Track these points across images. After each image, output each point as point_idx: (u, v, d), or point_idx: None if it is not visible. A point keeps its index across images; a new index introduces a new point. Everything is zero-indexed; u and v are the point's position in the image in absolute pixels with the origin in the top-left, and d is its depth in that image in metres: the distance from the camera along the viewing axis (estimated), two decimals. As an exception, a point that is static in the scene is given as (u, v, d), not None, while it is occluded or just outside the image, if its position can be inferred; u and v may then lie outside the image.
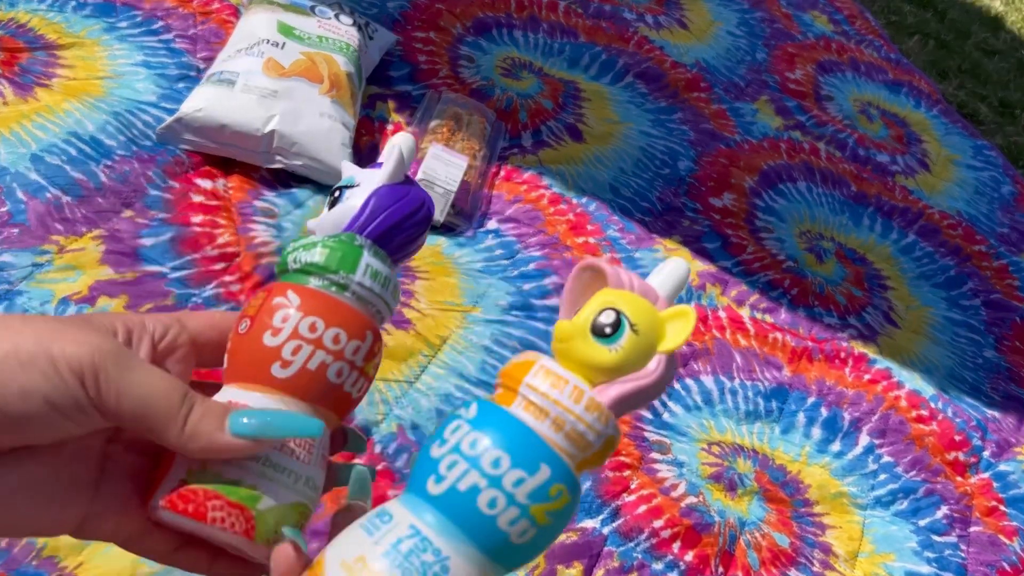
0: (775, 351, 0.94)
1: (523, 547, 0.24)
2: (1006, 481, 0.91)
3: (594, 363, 0.25)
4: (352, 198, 0.29)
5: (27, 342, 0.21)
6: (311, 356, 0.27)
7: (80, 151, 0.79)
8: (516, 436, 0.24)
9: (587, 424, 0.24)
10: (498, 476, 0.23)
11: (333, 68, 0.90)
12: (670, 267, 0.27)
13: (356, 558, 0.23)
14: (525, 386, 0.25)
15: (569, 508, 0.25)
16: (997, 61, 1.90)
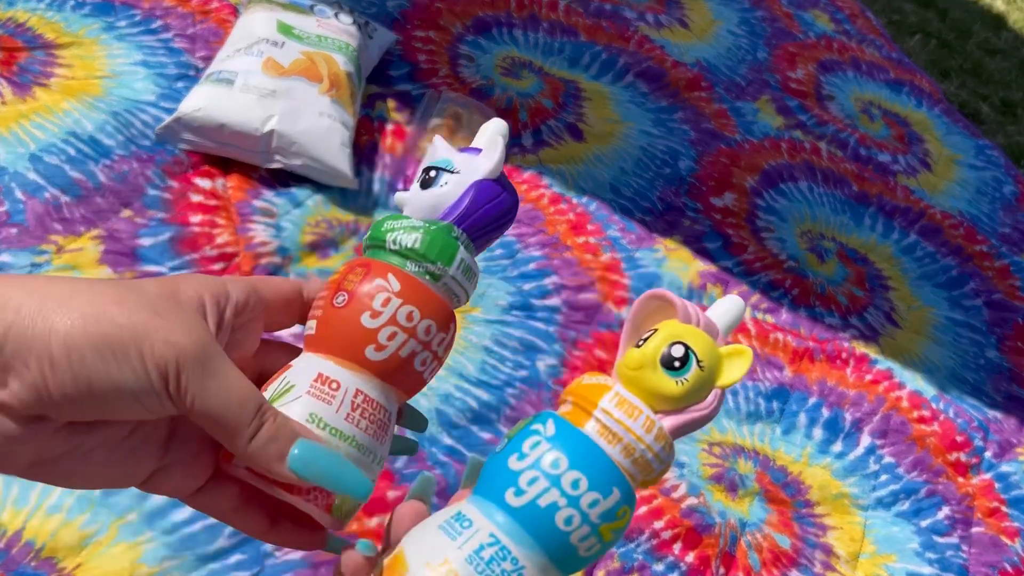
0: (776, 351, 0.93)
1: (586, 559, 0.26)
2: (1008, 482, 0.90)
3: (662, 393, 0.27)
4: (450, 184, 0.30)
5: (123, 333, 0.23)
6: (404, 344, 0.28)
7: (79, 151, 0.79)
8: (595, 461, 0.26)
9: (654, 453, 0.27)
10: (576, 497, 0.25)
11: (333, 67, 0.90)
12: (727, 304, 0.29)
13: (441, 561, 0.25)
14: (600, 410, 0.27)
15: (627, 526, 0.27)
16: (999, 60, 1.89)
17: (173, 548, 0.59)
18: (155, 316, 0.24)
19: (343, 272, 0.29)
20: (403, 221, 0.29)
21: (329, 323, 0.28)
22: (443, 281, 0.29)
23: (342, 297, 0.28)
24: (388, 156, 0.95)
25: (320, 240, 0.82)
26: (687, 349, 0.27)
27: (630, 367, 0.27)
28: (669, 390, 0.27)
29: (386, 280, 0.28)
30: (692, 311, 0.28)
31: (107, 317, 0.23)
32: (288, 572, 0.60)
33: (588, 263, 0.93)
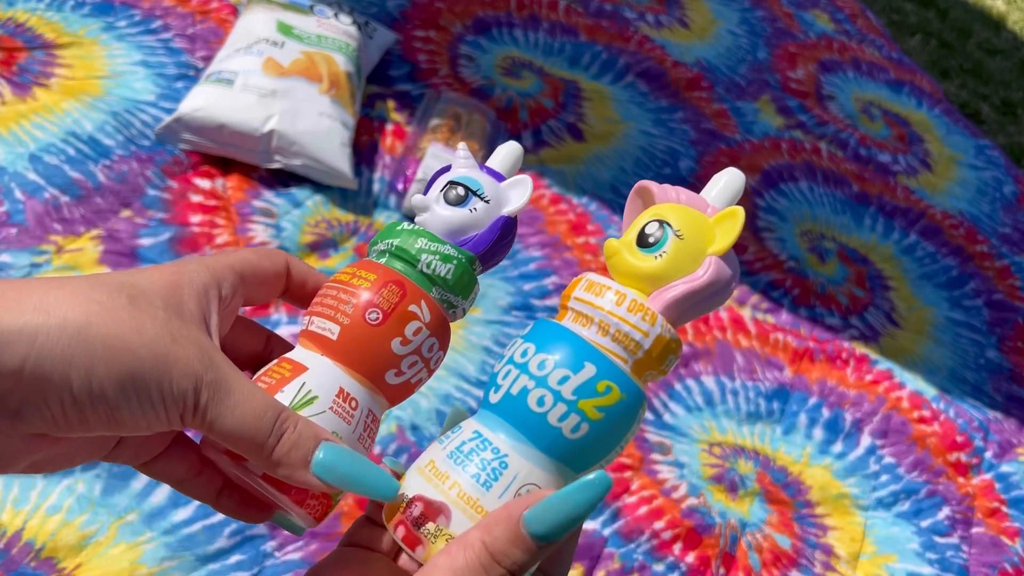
0: (776, 352, 0.93)
1: (581, 443, 0.26)
2: (1008, 482, 0.90)
3: (639, 272, 0.26)
4: (479, 212, 0.29)
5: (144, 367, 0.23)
6: (418, 372, 0.29)
7: (78, 151, 0.79)
8: (559, 339, 0.26)
9: (631, 324, 0.26)
10: (543, 376, 0.25)
11: (332, 67, 0.90)
12: (726, 178, 0.28)
13: (427, 463, 0.26)
14: (573, 299, 0.27)
15: (623, 404, 0.26)
16: (999, 61, 1.89)
17: (173, 548, 0.59)
18: (173, 345, 0.24)
19: (376, 286, 0.28)
20: (436, 244, 0.29)
21: (357, 339, 0.27)
22: (455, 311, 0.29)
23: (375, 315, 0.27)
24: (388, 156, 0.95)
25: (320, 240, 0.82)
26: (661, 223, 0.26)
27: (608, 256, 0.27)
28: (646, 266, 0.26)
29: (420, 308, 0.28)
30: (671, 190, 0.28)
31: (128, 349, 0.23)
32: (288, 572, 0.60)
33: (588, 263, 0.93)
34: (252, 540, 0.61)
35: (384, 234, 0.30)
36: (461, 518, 0.25)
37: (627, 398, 0.26)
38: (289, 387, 0.27)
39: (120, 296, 0.23)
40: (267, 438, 0.24)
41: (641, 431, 0.80)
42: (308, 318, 0.28)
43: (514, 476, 0.25)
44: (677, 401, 0.84)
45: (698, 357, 0.89)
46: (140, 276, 0.25)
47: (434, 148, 0.92)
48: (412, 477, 0.26)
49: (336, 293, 0.28)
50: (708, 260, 0.26)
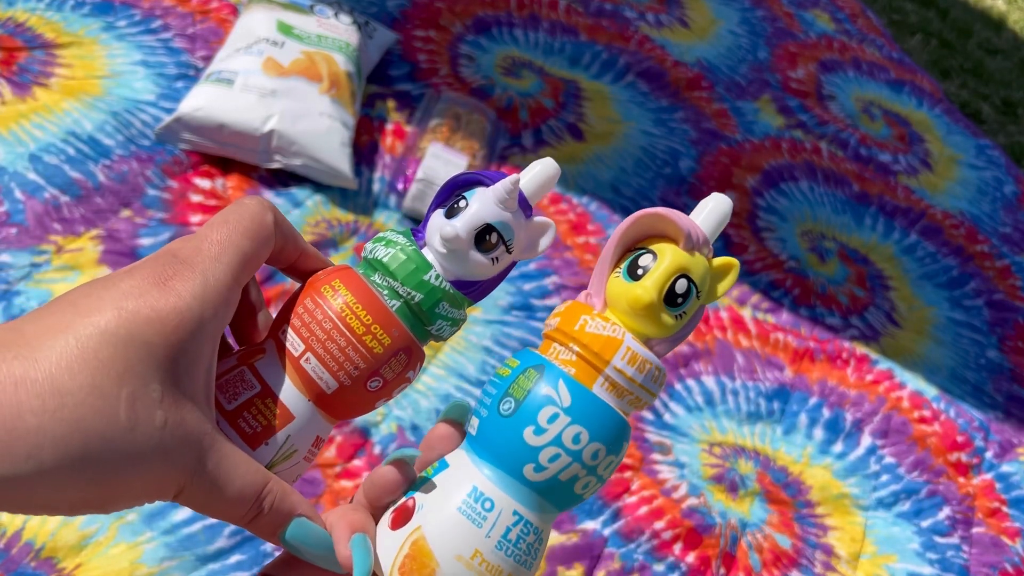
0: (777, 351, 0.93)
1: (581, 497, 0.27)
2: (1008, 482, 0.90)
3: (661, 328, 0.26)
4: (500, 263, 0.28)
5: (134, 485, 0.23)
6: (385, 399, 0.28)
7: (78, 151, 0.79)
8: (612, 427, 0.25)
9: (653, 394, 0.27)
10: (595, 465, 0.25)
11: (333, 67, 0.90)
12: (712, 204, 0.27)
13: (472, 554, 0.24)
14: (612, 368, 0.25)
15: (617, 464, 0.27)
16: (1000, 60, 1.89)
17: (173, 548, 0.59)
18: (168, 467, 0.23)
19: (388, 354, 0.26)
20: (453, 310, 0.27)
21: (351, 402, 0.27)
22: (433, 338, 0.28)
23: (377, 383, 0.27)
24: (388, 156, 0.95)
25: (320, 240, 0.82)
26: (689, 283, 0.26)
27: (636, 309, 0.25)
28: (669, 325, 0.26)
29: (415, 371, 0.28)
30: (695, 236, 0.26)
31: (124, 486, 0.23)
32: (288, 573, 0.60)
33: (588, 263, 0.93)
34: (252, 540, 0.61)
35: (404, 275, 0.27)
36: None
37: (620, 456, 0.27)
38: (274, 440, 0.26)
39: (119, 407, 0.22)
40: (245, 514, 0.25)
41: (641, 431, 0.80)
42: (303, 349, 0.26)
43: (540, 542, 0.26)
44: (677, 401, 0.84)
45: (698, 357, 0.89)
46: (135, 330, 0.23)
47: (434, 148, 0.92)
48: (455, 568, 0.24)
49: (344, 345, 0.26)
50: (701, 309, 0.27)
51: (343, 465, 0.67)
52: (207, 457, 0.24)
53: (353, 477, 0.67)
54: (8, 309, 0.67)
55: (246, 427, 0.26)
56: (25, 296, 0.68)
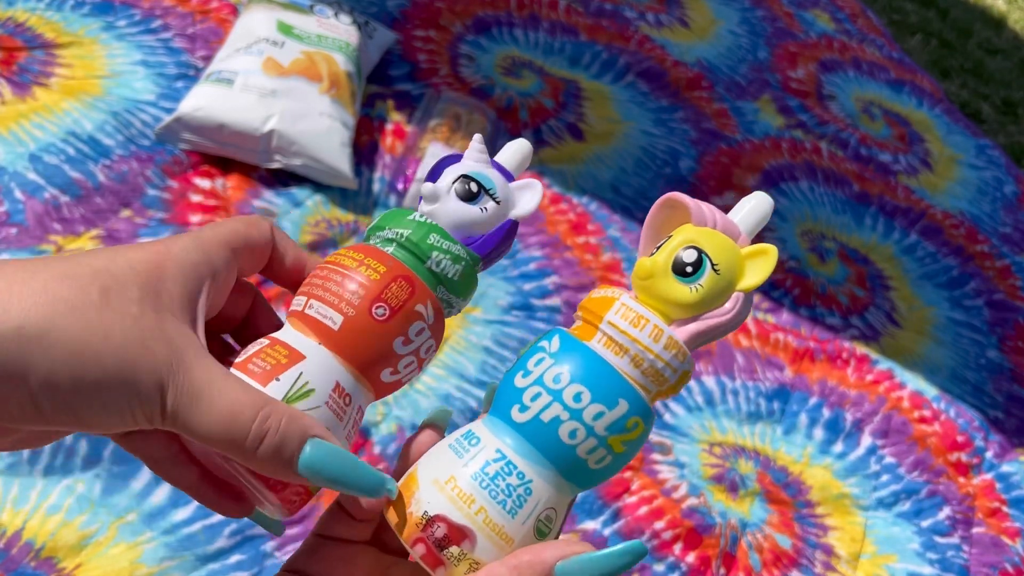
0: (777, 351, 0.93)
1: (600, 471, 0.26)
2: (1009, 482, 0.90)
3: (674, 301, 0.26)
4: (490, 212, 0.29)
5: (111, 377, 0.22)
6: (412, 373, 0.28)
7: (78, 150, 0.79)
8: (598, 373, 0.25)
9: (665, 362, 0.26)
10: (579, 409, 0.25)
11: (332, 67, 0.90)
12: (753, 202, 0.27)
13: (447, 478, 0.25)
14: (606, 323, 0.26)
15: (643, 437, 0.26)
16: (1000, 60, 1.89)
17: (173, 548, 0.59)
18: (141, 348, 0.22)
19: (385, 280, 0.27)
20: (448, 243, 0.28)
21: (361, 333, 0.26)
22: (450, 311, 0.29)
23: (383, 311, 0.26)
24: (388, 156, 0.95)
25: (320, 240, 0.82)
26: (700, 253, 0.26)
27: (640, 276, 0.26)
28: (683, 297, 0.25)
29: (425, 308, 0.27)
30: (708, 212, 0.26)
31: (92, 357, 0.21)
32: (288, 572, 0.60)
33: (588, 263, 0.93)
34: (252, 540, 0.61)
35: (391, 220, 0.28)
36: (487, 544, 0.25)
37: (646, 431, 0.26)
38: (286, 376, 0.25)
39: (91, 290, 0.22)
40: (245, 439, 0.23)
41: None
42: (305, 300, 0.27)
43: (537, 502, 0.25)
44: (677, 401, 0.84)
45: (698, 357, 0.89)
46: (121, 258, 0.23)
47: (434, 148, 0.92)
48: (431, 492, 0.25)
49: (341, 280, 0.26)
50: (736, 296, 0.26)
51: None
52: (193, 366, 0.23)
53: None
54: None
55: (255, 368, 0.25)
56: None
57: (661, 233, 0.28)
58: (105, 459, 0.62)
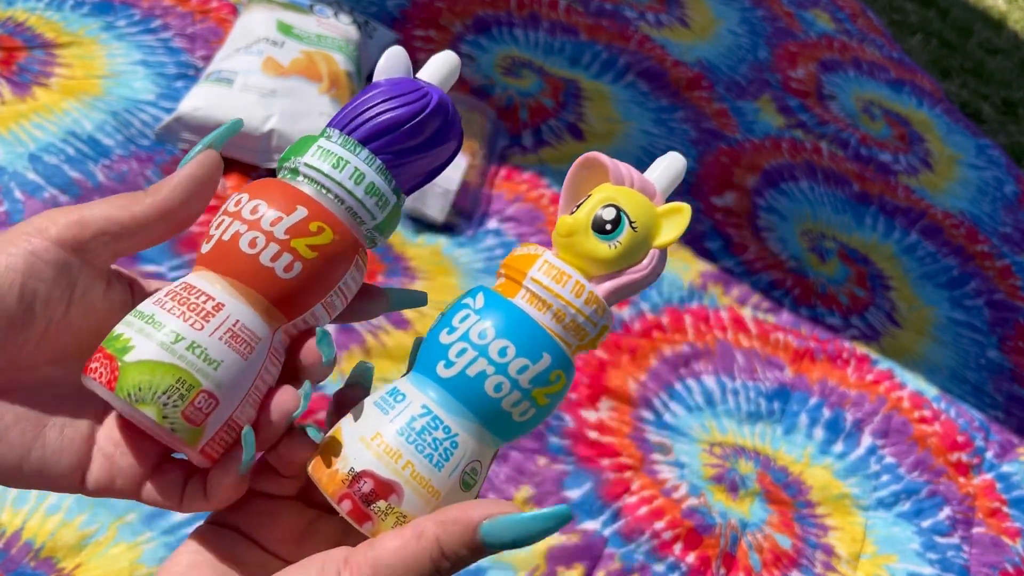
0: (777, 351, 0.93)
1: (523, 424, 0.27)
2: (1009, 482, 0.90)
3: (595, 258, 0.27)
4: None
5: None
6: (227, 228, 0.26)
7: (78, 150, 0.79)
8: (522, 328, 0.26)
9: (586, 316, 0.27)
10: (504, 364, 0.26)
11: (332, 67, 0.90)
12: (667, 162, 0.29)
13: (373, 435, 0.26)
14: (530, 280, 0.27)
15: (565, 390, 0.28)
16: (1000, 60, 1.89)
17: (172, 548, 0.59)
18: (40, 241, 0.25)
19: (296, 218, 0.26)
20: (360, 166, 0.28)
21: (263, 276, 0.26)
22: (302, 174, 0.27)
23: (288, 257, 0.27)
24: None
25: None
26: (619, 211, 0.27)
27: (561, 234, 0.27)
28: (602, 254, 0.27)
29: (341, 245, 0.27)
30: (625, 171, 0.28)
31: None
32: (288, 573, 0.60)
33: (588, 263, 0.93)
34: (252, 540, 0.61)
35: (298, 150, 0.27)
36: (413, 498, 0.25)
37: (568, 383, 0.27)
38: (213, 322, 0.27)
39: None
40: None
41: (641, 431, 0.80)
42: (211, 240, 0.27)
43: (463, 455, 0.26)
44: (677, 401, 0.84)
45: (699, 357, 0.89)
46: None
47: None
48: (357, 448, 0.25)
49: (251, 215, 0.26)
50: (652, 253, 0.27)
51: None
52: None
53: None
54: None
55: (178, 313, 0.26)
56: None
57: (580, 192, 0.29)
58: (105, 459, 0.62)
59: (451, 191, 0.89)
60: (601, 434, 0.78)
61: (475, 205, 0.93)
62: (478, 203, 0.94)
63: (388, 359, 0.76)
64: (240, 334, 0.26)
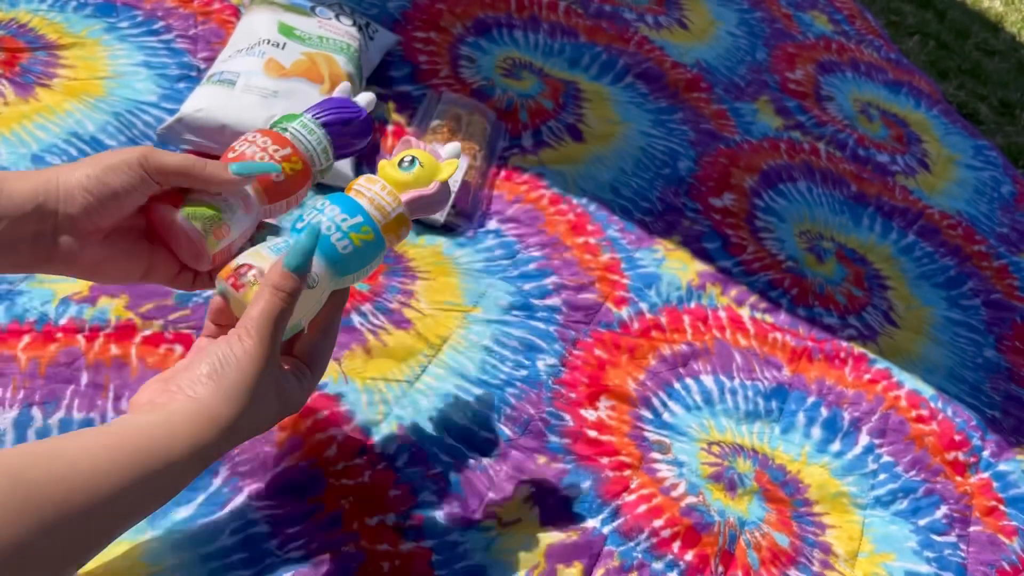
0: (775, 351, 0.94)
1: (347, 257, 0.50)
2: (1006, 481, 0.91)
3: (397, 179, 0.53)
4: None
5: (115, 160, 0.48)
6: (247, 147, 0.54)
7: (81, 151, 0.79)
8: (345, 200, 0.52)
9: (384, 201, 0.52)
10: (332, 216, 0.50)
11: (334, 68, 0.90)
12: (450, 146, 0.57)
13: (255, 250, 0.50)
14: (357, 184, 0.53)
15: (373, 244, 0.51)
16: (997, 61, 1.90)
17: (175, 547, 0.60)
18: (115, 152, 0.48)
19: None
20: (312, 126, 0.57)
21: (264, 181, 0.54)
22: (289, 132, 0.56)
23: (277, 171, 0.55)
24: (389, 157, 0.95)
25: (321, 240, 0.83)
26: (413, 158, 0.54)
27: (382, 168, 0.55)
28: (400, 177, 0.53)
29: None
30: (424, 144, 0.56)
31: (100, 163, 0.47)
32: (288, 572, 0.60)
33: (588, 263, 0.94)
34: (254, 538, 0.62)
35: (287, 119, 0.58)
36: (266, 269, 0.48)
37: (376, 240, 0.51)
38: None
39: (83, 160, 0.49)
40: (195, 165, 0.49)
41: (640, 429, 0.80)
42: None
43: None
44: (676, 400, 0.85)
45: (697, 356, 0.89)
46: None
47: (434, 149, 0.93)
48: (245, 256, 0.49)
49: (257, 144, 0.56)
50: (435, 183, 0.54)
51: (345, 463, 0.67)
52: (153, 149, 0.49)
53: (355, 475, 0.67)
54: (10, 309, 0.67)
55: None
56: (28, 296, 0.68)
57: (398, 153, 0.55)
58: (108, 457, 0.62)
59: (451, 192, 0.90)
60: (600, 433, 0.78)
61: (475, 206, 0.94)
62: (478, 204, 0.95)
63: (390, 358, 0.76)
64: (245, 202, 0.52)
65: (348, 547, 0.62)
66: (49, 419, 0.62)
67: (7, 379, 0.63)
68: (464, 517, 0.68)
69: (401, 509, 0.66)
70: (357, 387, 0.72)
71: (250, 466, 0.65)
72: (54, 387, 0.63)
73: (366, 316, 0.78)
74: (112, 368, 0.66)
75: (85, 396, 0.64)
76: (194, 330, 0.71)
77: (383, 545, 0.64)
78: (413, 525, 0.66)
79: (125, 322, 0.69)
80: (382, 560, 0.63)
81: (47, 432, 0.61)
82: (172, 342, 0.69)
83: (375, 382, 0.73)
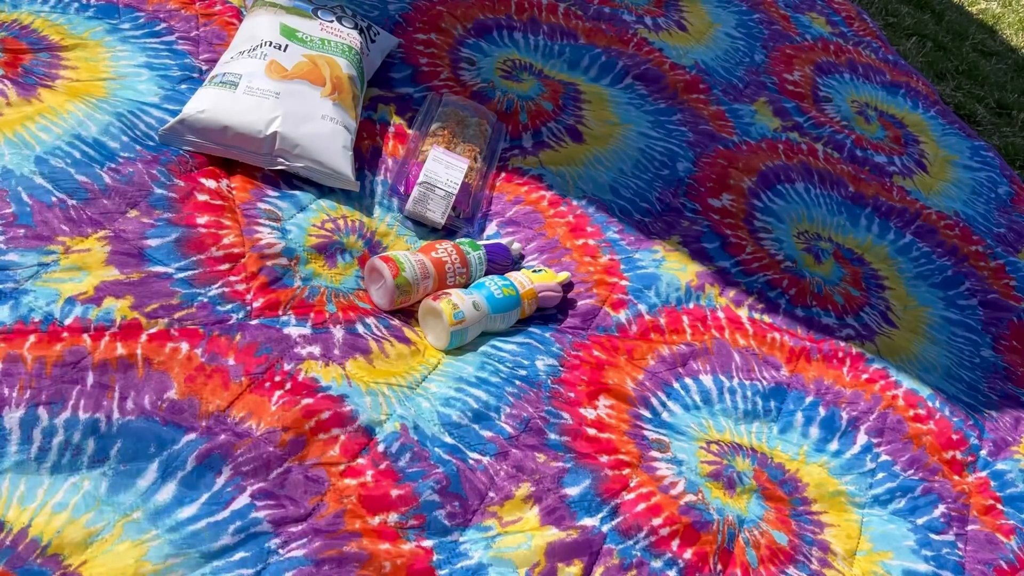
0: (773, 351, 0.94)
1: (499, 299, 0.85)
2: (1003, 480, 0.91)
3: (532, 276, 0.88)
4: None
5: None
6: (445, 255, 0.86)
7: (84, 153, 0.80)
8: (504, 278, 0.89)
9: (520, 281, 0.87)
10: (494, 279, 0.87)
11: (335, 71, 0.91)
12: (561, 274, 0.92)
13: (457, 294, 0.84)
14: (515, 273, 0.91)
15: (514, 299, 0.86)
16: (994, 63, 1.91)
17: (177, 546, 0.60)
18: None
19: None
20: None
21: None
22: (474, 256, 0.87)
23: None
24: (390, 159, 0.96)
25: (326, 242, 0.83)
26: (542, 269, 0.90)
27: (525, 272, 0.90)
28: (534, 276, 0.88)
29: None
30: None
31: None
32: (291, 570, 0.61)
33: (587, 265, 0.94)
34: (256, 537, 0.62)
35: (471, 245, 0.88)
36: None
37: (515, 295, 0.85)
38: None
39: None
40: None
41: (640, 428, 0.81)
42: None
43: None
44: (675, 399, 0.85)
45: (696, 356, 0.90)
46: None
47: (435, 151, 0.93)
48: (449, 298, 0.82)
49: None
50: (555, 283, 0.89)
51: (347, 463, 0.68)
52: None
53: (357, 475, 0.68)
54: (16, 308, 0.68)
55: None
56: (33, 295, 0.69)
57: None
58: (112, 457, 0.62)
59: (452, 194, 0.90)
60: (600, 431, 0.79)
61: (476, 207, 0.94)
62: (479, 205, 0.95)
63: (392, 365, 0.77)
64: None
65: (350, 546, 0.63)
66: (55, 419, 0.62)
67: (13, 379, 0.63)
68: (465, 516, 0.68)
69: (402, 509, 0.67)
70: (360, 389, 0.73)
71: (252, 466, 0.65)
72: (60, 387, 0.64)
73: (370, 327, 0.78)
74: (118, 369, 0.66)
75: (91, 396, 0.64)
76: (200, 327, 0.71)
77: (384, 544, 0.64)
78: (414, 524, 0.66)
79: (130, 321, 0.69)
80: (384, 559, 0.63)
81: (53, 432, 0.62)
82: (178, 339, 0.69)
83: (378, 385, 0.74)
